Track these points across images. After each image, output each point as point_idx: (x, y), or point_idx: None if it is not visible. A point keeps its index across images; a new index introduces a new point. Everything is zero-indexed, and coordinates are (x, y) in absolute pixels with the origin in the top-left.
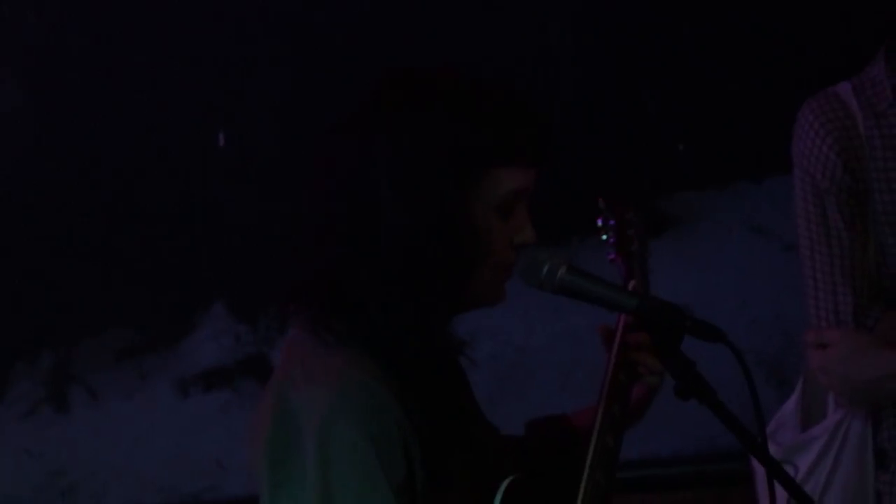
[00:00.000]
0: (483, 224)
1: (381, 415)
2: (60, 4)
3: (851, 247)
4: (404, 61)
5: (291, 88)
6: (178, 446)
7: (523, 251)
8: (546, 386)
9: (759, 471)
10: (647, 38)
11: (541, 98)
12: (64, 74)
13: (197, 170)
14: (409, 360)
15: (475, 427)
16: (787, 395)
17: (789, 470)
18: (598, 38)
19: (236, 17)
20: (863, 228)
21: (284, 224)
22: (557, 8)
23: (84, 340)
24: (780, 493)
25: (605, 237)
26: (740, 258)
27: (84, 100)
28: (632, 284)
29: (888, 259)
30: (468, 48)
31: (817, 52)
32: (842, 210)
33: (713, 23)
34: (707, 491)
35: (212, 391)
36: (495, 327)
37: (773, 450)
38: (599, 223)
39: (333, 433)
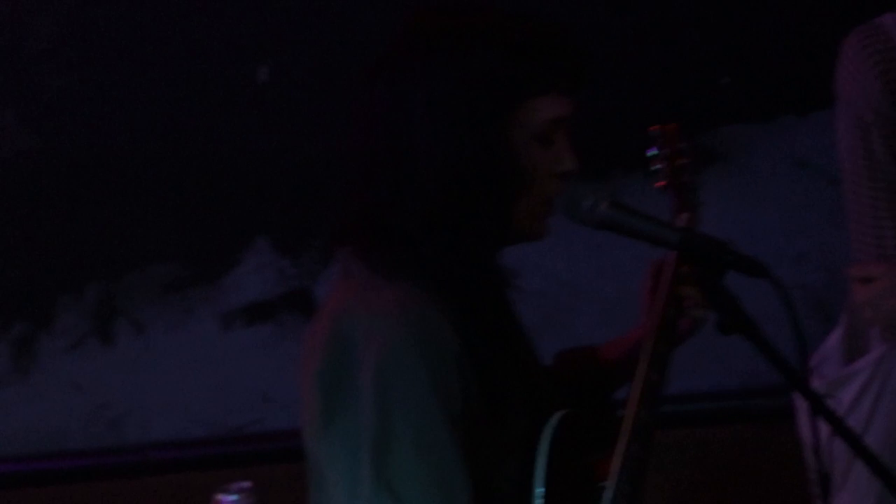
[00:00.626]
0: (523, 154)
1: (440, 346)
2: None
3: None
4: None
5: (333, 24)
6: (223, 380)
7: (566, 188)
8: (590, 320)
9: (802, 406)
10: None
11: (581, 30)
12: (102, 10)
13: (241, 104)
14: (461, 291)
15: (527, 359)
16: (832, 330)
17: (832, 404)
18: None
19: None
20: None
21: (328, 160)
22: None
23: (129, 274)
24: (824, 427)
25: (657, 166)
26: (785, 192)
27: (124, 35)
28: (685, 217)
29: None
30: None
31: None
32: (886, 142)
33: None
34: (750, 426)
35: (255, 325)
36: (539, 263)
37: (816, 384)
38: (651, 152)
39: (392, 363)
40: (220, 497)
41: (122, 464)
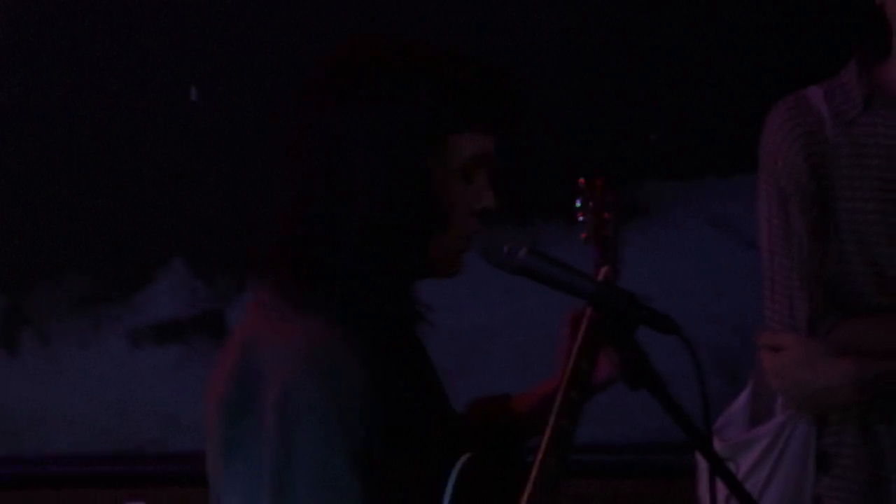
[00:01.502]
0: (444, 189)
1: (346, 382)
2: None
3: (811, 253)
4: (388, 27)
5: (272, 49)
6: (128, 398)
7: (486, 231)
8: (502, 366)
9: (703, 466)
10: (628, 29)
11: (514, 75)
12: (34, 28)
13: (171, 123)
14: (373, 327)
15: (436, 400)
16: (739, 392)
17: (731, 467)
18: (580, 24)
19: None
20: (824, 236)
21: (253, 185)
22: None
23: (40, 285)
24: (722, 489)
25: (581, 218)
26: (703, 252)
27: (53, 48)
28: (604, 271)
29: (847, 268)
30: (442, 30)
31: (795, 55)
32: (804, 216)
33: (693, 19)
34: (650, 481)
35: (164, 345)
36: (454, 305)
37: (718, 446)
38: (578, 204)
39: (296, 398)
40: None
41: (20, 475)
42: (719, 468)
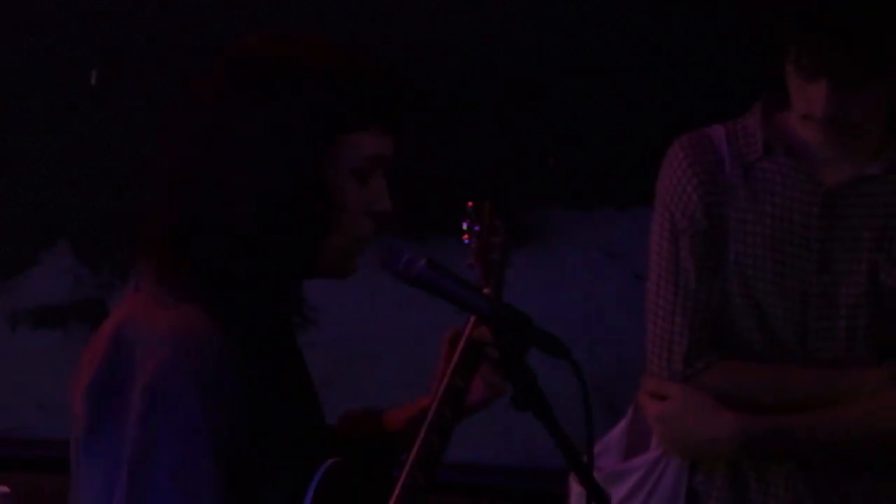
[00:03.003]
0: (338, 188)
1: (214, 376)
2: None
3: (697, 290)
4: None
5: (175, 32)
6: (1, 380)
7: (385, 239)
8: (383, 378)
9: (576, 492)
10: (540, 50)
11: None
12: None
13: (71, 106)
14: (248, 322)
15: (305, 403)
16: (616, 422)
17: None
18: (491, 40)
19: None
20: (712, 274)
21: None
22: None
23: None
24: None
25: (466, 241)
26: (590, 280)
27: None
28: (486, 293)
29: (731, 309)
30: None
31: (703, 89)
32: (693, 252)
33: (602, 44)
34: None
35: (42, 329)
36: (340, 312)
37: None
38: (464, 226)
39: (162, 387)
40: None
41: None
42: (597, 496)
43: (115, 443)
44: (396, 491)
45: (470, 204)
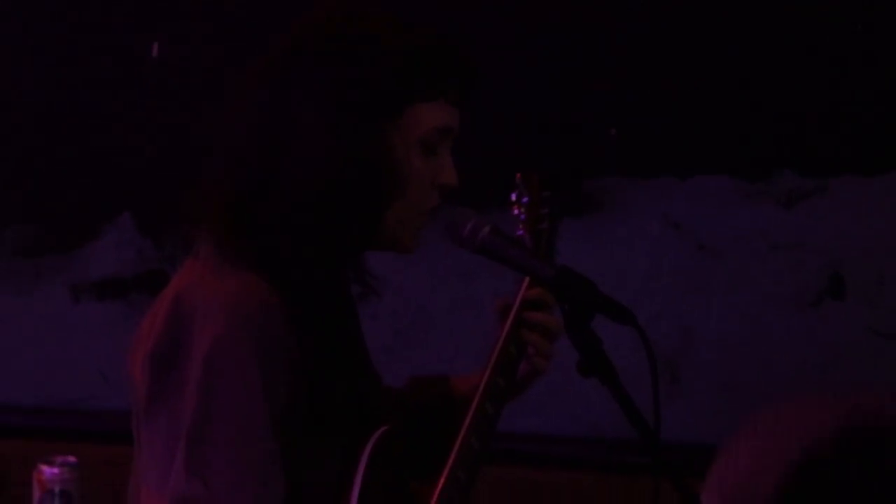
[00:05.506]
0: (403, 159)
1: (273, 342)
2: None
3: None
4: None
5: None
6: (63, 351)
7: (448, 208)
8: (442, 348)
9: None
10: (596, 23)
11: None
12: None
13: (130, 78)
14: (309, 289)
15: (361, 370)
16: (678, 393)
17: None
18: (544, 15)
19: None
20: None
21: (206, 144)
22: None
23: None
24: None
25: (516, 212)
26: (652, 250)
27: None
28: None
29: None
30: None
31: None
32: None
33: (664, 16)
34: (586, 474)
35: (105, 301)
36: (399, 284)
37: None
38: (513, 198)
39: (222, 353)
40: (43, 468)
41: None
42: (663, 463)
43: (176, 410)
44: (451, 457)
45: (518, 176)
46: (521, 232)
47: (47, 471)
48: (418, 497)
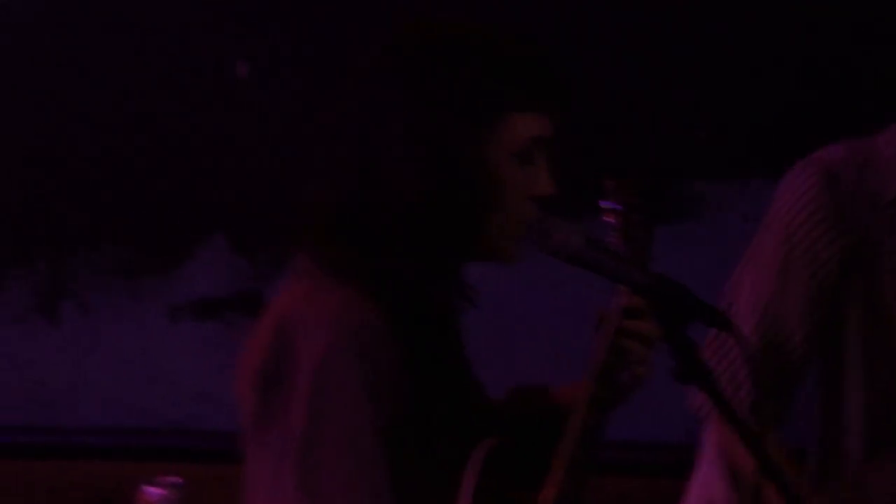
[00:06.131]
0: (498, 170)
1: (378, 357)
2: None
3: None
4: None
5: (315, 23)
6: (164, 372)
7: (539, 217)
8: (539, 357)
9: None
10: (680, 24)
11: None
12: None
13: (219, 97)
14: (411, 303)
15: (465, 383)
16: None
17: None
18: (628, 18)
19: None
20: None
21: (301, 164)
22: None
23: (82, 254)
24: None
25: (608, 220)
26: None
27: (99, 18)
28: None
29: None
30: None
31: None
32: (799, 294)
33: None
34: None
35: (203, 321)
36: (496, 293)
37: None
38: (604, 205)
39: (328, 369)
40: (148, 489)
41: (52, 444)
42: (768, 465)
43: (284, 428)
44: (559, 469)
45: (610, 182)
46: (613, 239)
47: (152, 492)
48: None
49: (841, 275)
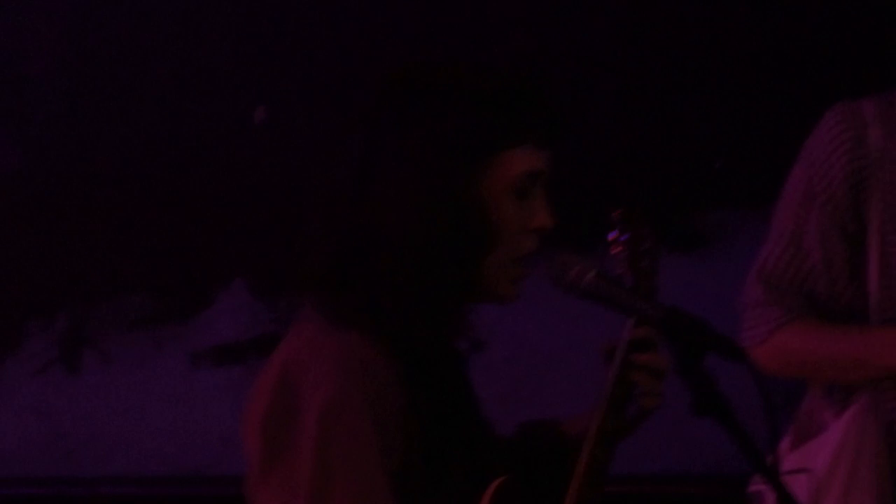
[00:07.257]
0: (495, 207)
1: (384, 400)
2: None
3: (805, 258)
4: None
5: (333, 70)
6: (185, 419)
7: (552, 253)
8: (557, 392)
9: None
10: (695, 53)
11: (575, 100)
12: (99, 39)
13: (235, 143)
14: (414, 345)
15: (472, 422)
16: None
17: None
18: (643, 46)
19: None
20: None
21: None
22: (596, 10)
23: (101, 304)
24: None
25: (616, 251)
26: None
27: (119, 64)
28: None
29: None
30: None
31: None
32: (822, 219)
33: (765, 45)
34: None
35: (223, 366)
36: (511, 330)
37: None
38: (612, 236)
39: (335, 414)
40: None
41: (74, 496)
42: (786, 498)
43: (291, 474)
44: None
45: (617, 213)
46: (620, 271)
47: None
48: None
49: (853, 198)
